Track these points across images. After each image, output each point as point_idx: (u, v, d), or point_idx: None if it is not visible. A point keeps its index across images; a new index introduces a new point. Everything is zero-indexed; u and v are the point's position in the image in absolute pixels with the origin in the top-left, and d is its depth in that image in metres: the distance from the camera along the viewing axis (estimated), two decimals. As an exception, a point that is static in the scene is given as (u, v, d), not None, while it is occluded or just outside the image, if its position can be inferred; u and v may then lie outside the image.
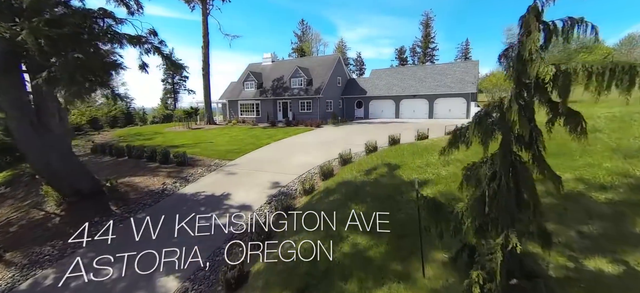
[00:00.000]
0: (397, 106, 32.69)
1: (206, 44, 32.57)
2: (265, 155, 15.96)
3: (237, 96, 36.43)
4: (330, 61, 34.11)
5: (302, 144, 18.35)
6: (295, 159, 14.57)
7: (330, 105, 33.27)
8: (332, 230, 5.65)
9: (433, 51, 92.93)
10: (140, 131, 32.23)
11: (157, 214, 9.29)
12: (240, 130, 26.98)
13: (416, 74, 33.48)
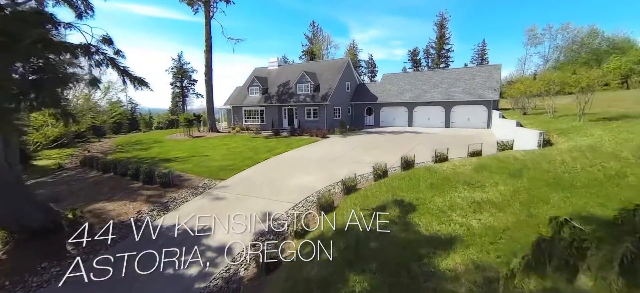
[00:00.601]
0: (410, 114, 30.38)
1: (209, 48, 31.22)
2: (260, 174, 14.15)
3: (241, 102, 34.97)
4: (339, 65, 32.16)
5: (303, 160, 16.45)
6: (293, 180, 12.70)
7: (339, 112, 31.29)
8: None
9: (448, 52, 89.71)
10: (140, 138, 31.18)
11: (117, 261, 7.60)
12: (241, 140, 25.36)
13: (431, 79, 31.08)
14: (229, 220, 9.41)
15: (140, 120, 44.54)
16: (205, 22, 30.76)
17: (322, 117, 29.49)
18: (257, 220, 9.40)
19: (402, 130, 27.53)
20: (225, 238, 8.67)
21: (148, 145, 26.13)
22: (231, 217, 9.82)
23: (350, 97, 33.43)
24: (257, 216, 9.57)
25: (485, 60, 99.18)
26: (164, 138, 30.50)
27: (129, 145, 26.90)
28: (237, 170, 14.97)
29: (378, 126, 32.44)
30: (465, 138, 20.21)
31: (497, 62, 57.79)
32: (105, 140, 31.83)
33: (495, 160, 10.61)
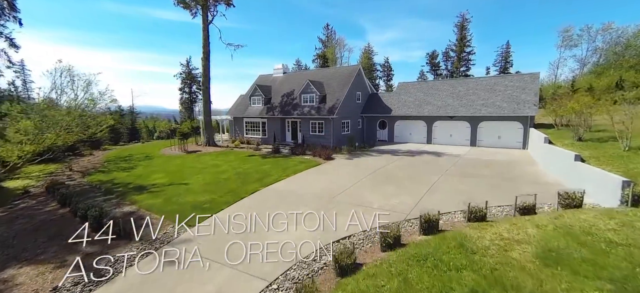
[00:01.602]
0: (429, 129, 26.59)
1: (206, 54, 28.73)
2: (236, 221, 11.06)
3: (242, 113, 32.29)
4: (349, 73, 28.84)
5: (295, 198, 13.25)
6: (274, 235, 9.53)
7: (347, 125, 27.93)
8: None
9: (469, 55, 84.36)
10: (133, 152, 29.01)
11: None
12: (236, 159, 22.49)
13: (455, 89, 27.16)
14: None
15: (142, 128, 42.81)
16: (203, 27, 28.29)
17: (329, 132, 26.24)
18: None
19: (420, 149, 23.82)
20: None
21: (135, 162, 23.79)
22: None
23: (361, 109, 30.00)
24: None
25: (509, 63, 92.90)
26: (158, 152, 28.20)
27: (116, 162, 24.67)
28: (212, 211, 11.97)
29: (392, 141, 28.82)
30: (499, 165, 16.33)
31: (528, 70, 52.53)
32: (98, 153, 29.92)
33: (568, 235, 7.00)
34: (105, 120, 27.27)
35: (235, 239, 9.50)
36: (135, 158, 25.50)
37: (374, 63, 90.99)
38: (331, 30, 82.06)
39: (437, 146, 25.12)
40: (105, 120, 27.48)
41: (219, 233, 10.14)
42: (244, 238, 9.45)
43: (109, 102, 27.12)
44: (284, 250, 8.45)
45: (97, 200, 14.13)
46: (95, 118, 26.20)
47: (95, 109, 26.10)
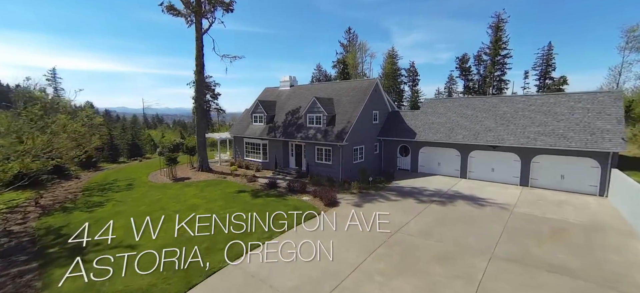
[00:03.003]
0: (463, 159, 21.17)
1: (200, 69, 25.25)
2: None
3: (243, 132, 28.52)
4: (364, 88, 24.08)
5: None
6: None
7: (360, 152, 23.15)
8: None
9: (505, 58, 75.97)
10: (119, 177, 26.12)
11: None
12: (221, 196, 18.53)
13: (497, 109, 21.46)
14: None
15: (146, 143, 40.48)
16: (196, 37, 24.84)
17: (337, 161, 21.64)
18: None
19: (453, 191, 18.50)
20: None
21: (111, 194, 20.64)
22: None
23: (378, 130, 25.07)
24: None
25: (551, 67, 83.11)
26: (146, 177, 25.05)
27: (93, 191, 21.69)
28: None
29: (416, 171, 23.59)
30: (577, 236, 10.53)
31: (622, 90, 44.87)
32: (87, 175, 27.40)
33: None
34: (87, 140, 24.40)
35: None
36: (116, 187, 22.41)
37: (399, 68, 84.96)
38: (353, 34, 77.27)
39: (475, 185, 19.67)
40: (87, 140, 24.62)
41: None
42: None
43: (86, 119, 24.37)
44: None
45: (9, 272, 10.57)
46: (73, 139, 23.43)
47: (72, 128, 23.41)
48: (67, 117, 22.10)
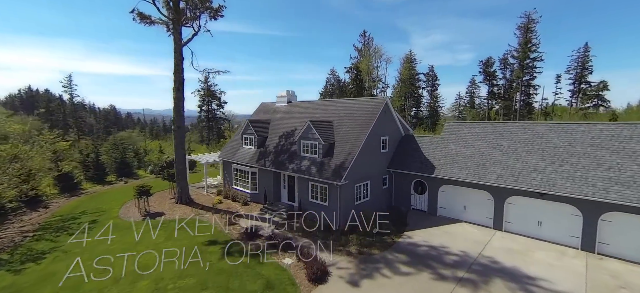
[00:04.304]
0: (498, 206, 16.28)
1: (179, 85, 21.73)
2: None
3: (232, 156, 24.80)
4: (371, 109, 19.67)
5: None
6: None
7: (365, 189, 18.74)
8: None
9: (534, 62, 68.98)
10: (89, 207, 23.04)
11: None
12: (188, 248, 14.71)
13: (547, 140, 16.34)
14: None
15: (132, 161, 37.53)
16: (175, 48, 21.37)
17: (334, 202, 17.35)
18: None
19: (486, 257, 13.73)
20: None
21: (68, 233, 17.47)
22: None
23: (387, 160, 20.53)
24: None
25: (588, 70, 74.99)
26: (118, 210, 21.81)
27: (49, 229, 18.60)
28: None
29: (434, 214, 18.87)
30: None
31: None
32: (59, 203, 24.57)
33: None
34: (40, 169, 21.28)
35: None
36: (76, 225, 19.22)
37: (417, 72, 79.38)
38: (368, 38, 72.65)
39: (516, 244, 14.78)
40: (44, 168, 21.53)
41: None
42: None
43: (47, 146, 21.36)
44: None
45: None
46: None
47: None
48: (18, 146, 19.24)
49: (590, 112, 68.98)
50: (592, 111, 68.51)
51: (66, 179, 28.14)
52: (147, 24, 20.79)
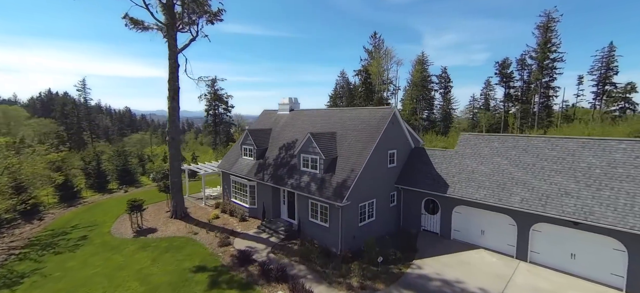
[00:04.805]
0: (523, 233, 14.26)
1: (174, 94, 20.60)
2: None
3: (230, 167, 23.53)
4: (376, 120, 17.94)
5: None
6: None
7: (370, 208, 17.03)
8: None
9: (554, 62, 65.40)
10: (84, 219, 22.27)
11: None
12: (175, 274, 13.40)
13: (580, 158, 14.18)
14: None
15: (134, 166, 36.91)
16: (169, 55, 20.25)
17: (335, 224, 15.73)
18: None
19: None
20: None
21: (54, 252, 16.57)
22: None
23: (395, 176, 18.73)
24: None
25: (613, 71, 70.62)
26: (111, 225, 20.88)
27: (39, 245, 17.73)
28: None
29: (447, 238, 16.95)
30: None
31: None
32: (56, 214, 23.91)
33: None
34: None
35: None
36: (64, 241, 18.34)
37: (429, 74, 76.76)
38: (379, 39, 70.68)
39: (544, 281, 12.77)
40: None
41: None
42: None
43: (38, 158, 20.63)
44: None
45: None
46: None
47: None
48: (9, 156, 18.52)
49: (616, 115, 64.73)
50: (618, 114, 64.28)
51: (66, 189, 27.60)
52: (140, 29, 19.77)
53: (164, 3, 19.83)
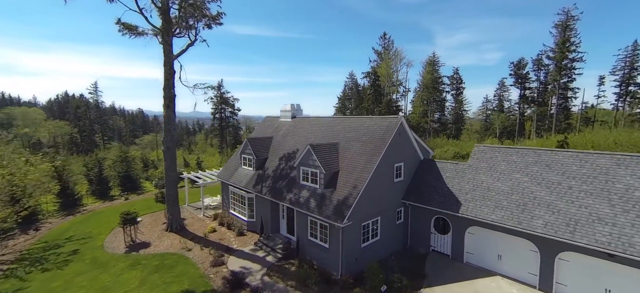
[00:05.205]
0: (546, 262, 12.61)
1: (168, 102, 19.71)
2: None
3: (230, 177, 22.54)
4: (381, 131, 16.53)
5: None
6: None
7: (374, 227, 15.66)
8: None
9: (573, 63, 62.31)
10: (79, 230, 21.64)
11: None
12: None
13: (614, 177, 12.36)
14: None
15: (137, 173, 36.42)
16: (165, 61, 19.37)
17: (335, 245, 14.42)
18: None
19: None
20: None
21: (42, 269, 15.87)
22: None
23: (402, 190, 17.27)
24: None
25: (637, 70, 66.87)
26: (105, 237, 20.17)
27: (29, 260, 17.09)
28: None
29: (459, 261, 15.39)
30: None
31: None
32: (53, 223, 23.44)
33: None
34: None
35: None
36: (55, 254, 17.67)
37: (440, 75, 74.47)
38: (388, 40, 69.07)
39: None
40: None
41: None
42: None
43: (26, 167, 20.04)
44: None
45: None
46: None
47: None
48: None
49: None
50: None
51: (66, 196, 27.23)
52: (135, 35, 18.96)
53: (159, 7, 18.99)
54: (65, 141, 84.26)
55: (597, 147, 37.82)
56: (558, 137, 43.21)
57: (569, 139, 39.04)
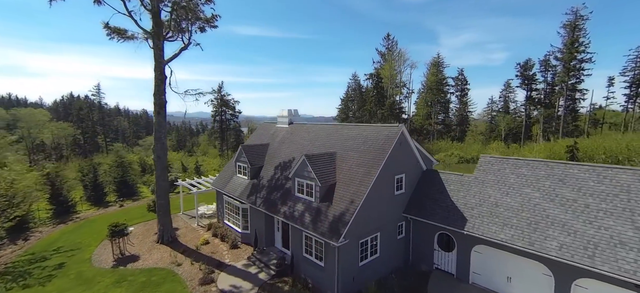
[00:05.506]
0: (561, 288, 11.49)
1: (160, 107, 18.88)
2: None
3: (224, 185, 21.67)
4: (381, 141, 15.50)
5: None
6: None
7: (374, 243, 14.65)
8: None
9: (581, 64, 60.61)
10: (69, 241, 20.94)
11: None
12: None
13: (638, 195, 11.34)
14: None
15: (134, 177, 35.75)
16: (155, 66, 18.54)
17: (331, 264, 13.44)
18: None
19: None
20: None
21: (24, 286, 15.05)
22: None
23: (404, 204, 16.23)
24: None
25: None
26: (94, 248, 19.42)
27: (12, 274, 16.35)
28: None
29: (465, 280, 14.32)
30: None
31: None
32: (44, 232, 22.77)
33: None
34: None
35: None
36: (40, 268, 16.96)
37: (445, 77, 73.13)
38: (392, 41, 67.95)
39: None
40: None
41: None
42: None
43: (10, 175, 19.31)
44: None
45: None
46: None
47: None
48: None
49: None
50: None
51: (59, 203, 26.61)
52: (123, 39, 18.17)
53: (149, 10, 18.18)
54: (68, 143, 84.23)
55: (609, 152, 36.30)
56: (567, 141, 41.72)
57: (579, 144, 37.58)
